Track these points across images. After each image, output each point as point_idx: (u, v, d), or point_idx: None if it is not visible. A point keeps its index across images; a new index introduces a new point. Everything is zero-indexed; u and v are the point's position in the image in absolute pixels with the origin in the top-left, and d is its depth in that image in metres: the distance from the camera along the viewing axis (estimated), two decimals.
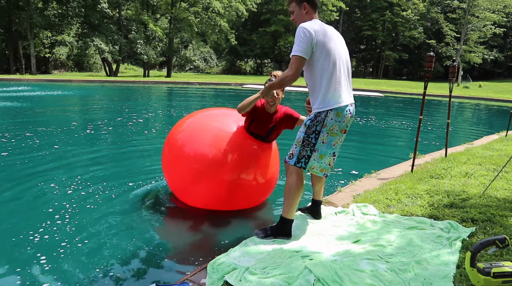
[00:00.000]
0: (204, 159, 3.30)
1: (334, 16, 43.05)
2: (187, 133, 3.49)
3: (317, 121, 2.63)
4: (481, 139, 7.84)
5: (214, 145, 3.32)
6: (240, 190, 3.42)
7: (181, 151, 3.45)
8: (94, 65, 39.99)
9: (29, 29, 28.14)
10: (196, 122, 3.59)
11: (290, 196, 2.68)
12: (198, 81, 26.43)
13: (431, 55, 4.36)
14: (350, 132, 9.01)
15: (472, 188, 3.91)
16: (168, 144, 3.62)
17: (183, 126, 3.59)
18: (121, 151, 6.30)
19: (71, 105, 12.86)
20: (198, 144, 3.36)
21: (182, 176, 3.46)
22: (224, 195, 3.39)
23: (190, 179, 3.38)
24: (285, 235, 2.74)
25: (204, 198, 3.47)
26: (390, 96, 21.99)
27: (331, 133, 2.64)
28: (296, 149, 2.68)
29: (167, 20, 34.53)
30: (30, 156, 5.59)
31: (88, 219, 3.43)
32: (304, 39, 2.51)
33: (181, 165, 3.43)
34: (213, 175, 3.30)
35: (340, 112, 2.62)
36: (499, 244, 1.67)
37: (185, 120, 3.69)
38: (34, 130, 7.55)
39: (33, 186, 4.26)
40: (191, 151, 3.37)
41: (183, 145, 3.45)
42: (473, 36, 38.43)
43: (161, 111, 12.15)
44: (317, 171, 2.73)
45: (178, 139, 3.52)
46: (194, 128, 3.50)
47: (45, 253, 2.80)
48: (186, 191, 3.50)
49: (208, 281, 2.20)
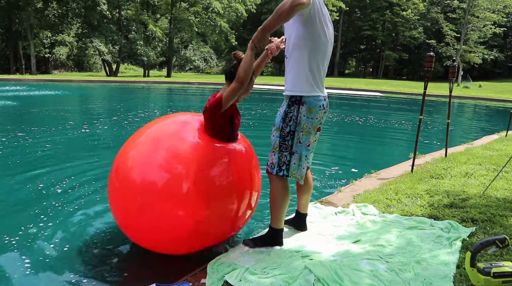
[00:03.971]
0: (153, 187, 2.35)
1: (334, 16, 43.06)
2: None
3: (289, 120, 2.39)
4: (481, 139, 7.83)
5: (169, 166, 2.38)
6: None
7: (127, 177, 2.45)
8: (94, 65, 40.02)
9: (29, 29, 28.14)
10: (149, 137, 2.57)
11: (276, 206, 2.50)
12: (198, 81, 26.43)
13: (431, 55, 4.36)
14: (350, 132, 9.13)
15: (472, 188, 3.91)
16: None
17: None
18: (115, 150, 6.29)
19: (70, 105, 12.86)
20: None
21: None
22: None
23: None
24: (277, 244, 2.60)
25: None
26: (390, 96, 21.99)
27: (305, 132, 2.41)
28: (275, 156, 2.45)
29: (167, 20, 34.54)
30: (22, 156, 5.59)
31: (84, 218, 3.42)
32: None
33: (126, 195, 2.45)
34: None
35: (312, 108, 2.37)
36: (499, 244, 1.67)
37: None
38: (28, 129, 7.55)
39: (22, 186, 4.26)
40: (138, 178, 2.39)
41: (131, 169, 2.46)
42: (473, 36, 38.44)
43: (157, 111, 12.15)
44: (299, 176, 2.48)
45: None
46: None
47: (41, 254, 2.80)
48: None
49: (208, 281, 2.20)
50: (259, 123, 9.61)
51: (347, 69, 57.23)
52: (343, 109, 14.48)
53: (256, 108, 12.73)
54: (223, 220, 2.51)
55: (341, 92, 23.01)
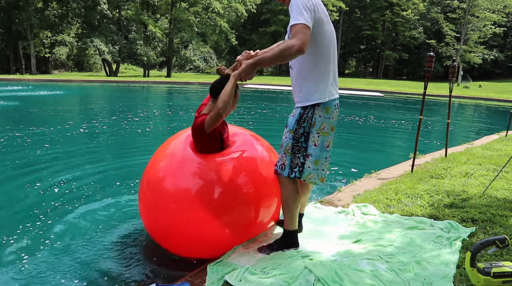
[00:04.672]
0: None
1: (334, 16, 43.08)
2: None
3: (303, 121, 2.32)
4: (481, 139, 7.84)
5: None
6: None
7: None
8: (94, 65, 40.01)
9: (29, 29, 28.15)
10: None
11: (288, 208, 2.45)
12: (198, 81, 26.43)
13: (431, 55, 4.36)
14: (350, 132, 9.12)
15: (472, 188, 3.91)
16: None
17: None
18: (115, 150, 6.30)
19: (69, 105, 12.86)
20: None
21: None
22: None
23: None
24: (293, 245, 2.56)
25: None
26: (390, 96, 21.99)
27: (322, 133, 2.34)
28: (286, 158, 2.38)
29: (167, 20, 34.54)
30: (22, 155, 5.60)
31: (83, 218, 3.43)
32: (306, 8, 2.10)
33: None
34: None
35: (328, 108, 2.33)
36: (499, 244, 1.67)
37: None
38: (27, 129, 7.55)
39: (21, 185, 4.26)
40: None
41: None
42: (473, 36, 38.44)
43: (156, 110, 12.15)
44: (316, 180, 2.40)
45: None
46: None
47: (41, 253, 2.80)
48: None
49: (208, 281, 2.20)
50: (259, 123, 9.61)
51: (347, 69, 57.23)
52: (343, 109, 14.48)
53: (256, 108, 12.73)
54: (246, 224, 2.58)
55: (341, 92, 22.79)
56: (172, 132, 3.05)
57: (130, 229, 3.24)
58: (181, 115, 11.38)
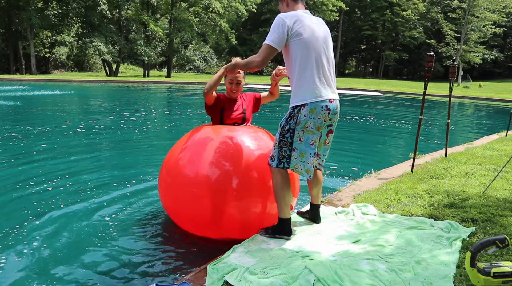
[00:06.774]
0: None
1: (334, 16, 43.08)
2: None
3: (290, 119, 2.58)
4: (481, 139, 7.83)
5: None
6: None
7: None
8: (94, 65, 40.01)
9: (29, 29, 28.15)
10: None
11: (278, 196, 2.67)
12: (198, 81, 26.43)
13: (431, 55, 4.36)
14: (351, 132, 9.12)
15: (472, 188, 3.90)
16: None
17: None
18: (114, 149, 6.30)
19: (70, 105, 12.86)
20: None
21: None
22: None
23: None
24: (285, 233, 2.73)
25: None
26: (390, 96, 21.99)
27: (306, 131, 2.55)
28: (275, 150, 2.65)
29: (167, 20, 34.55)
30: (21, 155, 5.60)
31: (82, 216, 3.43)
32: (278, 29, 2.49)
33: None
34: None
35: (314, 109, 2.53)
36: (499, 244, 1.67)
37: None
38: (27, 129, 7.55)
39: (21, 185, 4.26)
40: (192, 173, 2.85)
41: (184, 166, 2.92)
42: (473, 36, 38.44)
43: (157, 111, 12.15)
44: (302, 171, 2.61)
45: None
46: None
47: (40, 252, 2.80)
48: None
49: (208, 281, 2.20)
50: (259, 123, 9.59)
51: (347, 69, 57.25)
52: (343, 109, 14.47)
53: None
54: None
55: (341, 92, 22.99)
56: (171, 132, 3.13)
57: (130, 229, 3.24)
58: (179, 115, 11.38)
